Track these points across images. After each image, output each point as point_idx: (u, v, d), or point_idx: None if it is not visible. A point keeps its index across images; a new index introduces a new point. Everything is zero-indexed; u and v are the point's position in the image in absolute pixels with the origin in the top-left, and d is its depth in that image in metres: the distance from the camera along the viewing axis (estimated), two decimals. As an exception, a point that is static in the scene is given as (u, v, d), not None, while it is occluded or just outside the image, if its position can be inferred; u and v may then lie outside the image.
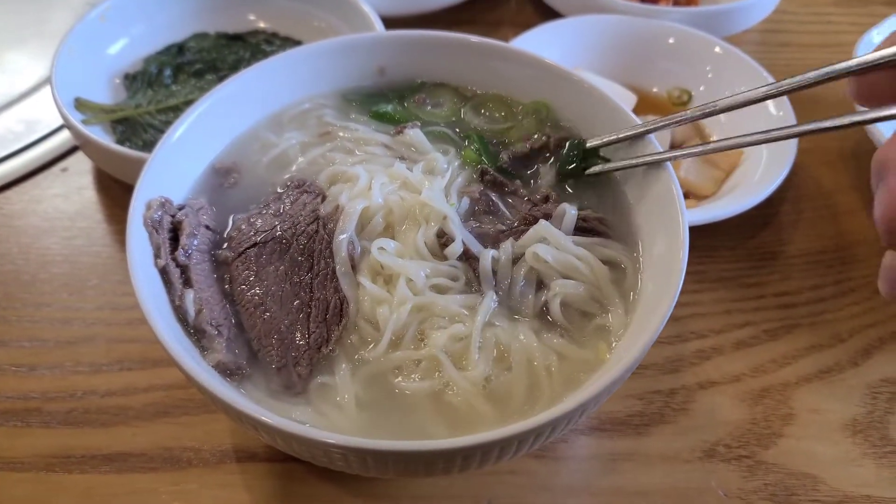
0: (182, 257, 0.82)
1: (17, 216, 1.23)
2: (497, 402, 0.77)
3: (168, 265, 0.81)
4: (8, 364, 1.03)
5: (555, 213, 0.87)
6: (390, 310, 0.79)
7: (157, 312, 0.73)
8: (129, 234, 0.79)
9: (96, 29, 1.34)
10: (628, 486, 0.93)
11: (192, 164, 0.93)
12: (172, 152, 0.88)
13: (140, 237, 0.81)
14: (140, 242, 0.81)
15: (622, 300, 0.83)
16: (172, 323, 0.79)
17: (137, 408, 0.98)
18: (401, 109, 1.03)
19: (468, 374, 0.77)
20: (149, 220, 0.82)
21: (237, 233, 0.88)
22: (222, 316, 0.80)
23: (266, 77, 0.97)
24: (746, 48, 1.35)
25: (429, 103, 1.04)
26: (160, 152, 0.86)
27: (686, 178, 1.20)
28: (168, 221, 0.84)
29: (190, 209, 0.87)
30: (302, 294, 0.82)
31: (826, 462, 0.95)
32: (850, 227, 1.24)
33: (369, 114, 1.02)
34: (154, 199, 0.84)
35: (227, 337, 0.78)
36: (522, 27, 1.38)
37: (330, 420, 0.75)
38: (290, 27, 1.48)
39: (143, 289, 0.74)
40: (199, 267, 0.83)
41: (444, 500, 0.91)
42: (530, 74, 1.00)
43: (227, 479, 0.92)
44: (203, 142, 0.93)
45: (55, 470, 0.93)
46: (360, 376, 0.78)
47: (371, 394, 0.77)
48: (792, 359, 1.06)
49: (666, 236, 0.83)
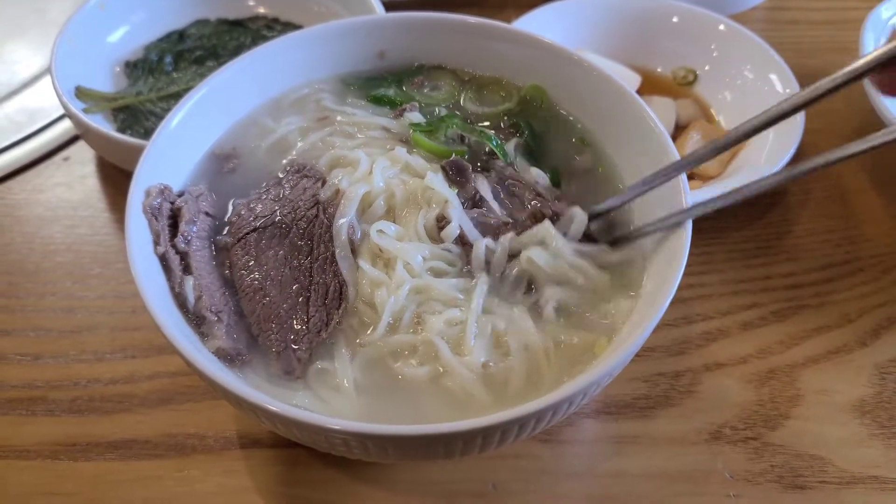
0: (181, 244, 0.82)
1: (20, 206, 1.23)
2: (495, 387, 0.76)
3: (167, 252, 0.81)
4: (13, 353, 1.03)
5: (564, 216, 0.85)
6: (388, 292, 0.79)
7: (156, 300, 0.73)
8: (127, 222, 0.79)
9: (96, 17, 1.33)
10: (634, 469, 0.92)
11: (191, 150, 0.93)
12: (171, 139, 0.88)
13: (139, 225, 0.81)
14: (139, 230, 0.81)
15: (625, 294, 0.82)
16: (173, 310, 0.79)
17: (141, 395, 0.99)
18: (399, 93, 1.02)
19: (465, 359, 0.77)
20: (148, 208, 0.82)
21: (237, 218, 0.88)
22: (222, 302, 0.80)
23: (264, 62, 0.97)
24: (753, 26, 1.33)
25: (427, 86, 1.03)
26: (158, 139, 0.86)
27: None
28: (167, 209, 0.84)
29: (189, 196, 0.87)
30: (301, 278, 0.82)
31: (834, 443, 0.94)
32: (857, 207, 1.22)
33: (367, 97, 1.01)
34: (153, 187, 0.84)
35: (226, 323, 0.78)
36: (526, 8, 1.36)
37: (330, 405, 0.75)
38: (291, 12, 1.47)
39: (142, 276, 0.74)
40: (198, 254, 0.83)
41: (450, 484, 0.91)
42: (531, 55, 0.99)
43: (232, 465, 0.92)
44: (202, 128, 0.93)
45: (61, 457, 0.93)
46: (360, 361, 0.78)
47: (370, 379, 0.77)
48: (799, 339, 1.04)
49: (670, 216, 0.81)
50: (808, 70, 1.29)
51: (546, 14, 1.35)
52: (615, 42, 1.36)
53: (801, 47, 1.45)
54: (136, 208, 0.82)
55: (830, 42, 1.48)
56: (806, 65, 1.35)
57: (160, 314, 0.72)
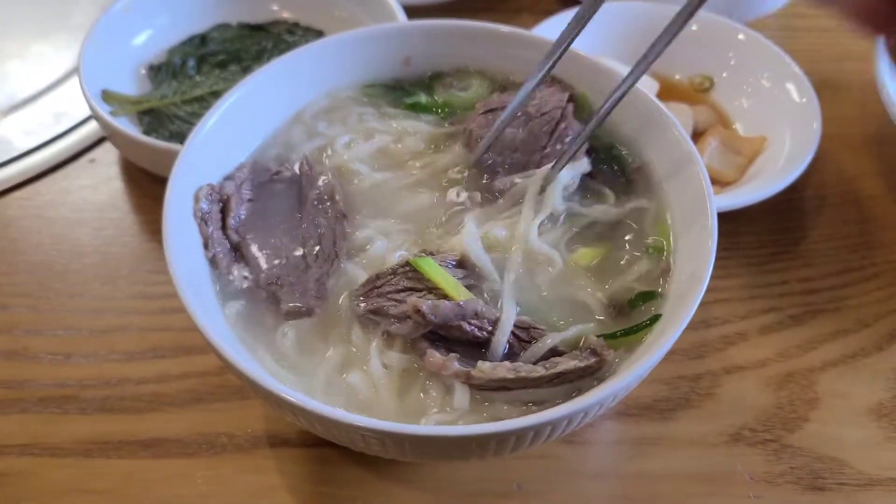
0: (234, 236, 0.87)
1: (48, 207, 1.25)
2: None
3: (217, 254, 0.84)
4: (44, 352, 1.05)
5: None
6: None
7: (197, 303, 0.75)
8: (165, 230, 0.79)
9: (121, 20, 1.35)
10: (655, 470, 0.94)
11: (226, 154, 0.94)
12: (204, 143, 0.89)
13: (177, 231, 0.81)
14: (177, 237, 0.81)
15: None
16: (218, 318, 0.81)
17: (171, 394, 1.01)
18: (430, 99, 1.04)
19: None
20: (198, 212, 0.85)
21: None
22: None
23: (297, 67, 0.98)
24: (769, 33, 1.34)
25: (456, 87, 1.05)
26: (194, 141, 0.87)
27: (709, 164, 1.20)
28: (217, 211, 0.87)
29: (234, 184, 0.90)
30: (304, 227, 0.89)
31: (852, 446, 0.96)
32: (874, 212, 1.23)
33: (402, 106, 1.03)
34: (200, 190, 0.86)
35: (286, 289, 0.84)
36: (542, 14, 1.38)
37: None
38: (312, 17, 1.48)
39: (183, 282, 0.75)
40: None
41: (475, 483, 0.93)
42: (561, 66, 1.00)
43: (262, 463, 0.94)
44: (234, 133, 0.94)
45: (94, 455, 0.95)
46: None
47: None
48: (817, 343, 1.06)
49: (695, 224, 0.83)
50: (824, 77, 1.31)
51: (565, 21, 1.35)
52: (633, 49, 1.36)
53: (816, 55, 1.47)
54: (173, 214, 0.81)
55: (846, 49, 1.49)
56: (822, 72, 1.36)
57: (213, 335, 0.72)
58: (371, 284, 0.82)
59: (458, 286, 0.79)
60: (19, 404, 1.00)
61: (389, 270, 0.82)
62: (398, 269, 0.82)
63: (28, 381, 1.02)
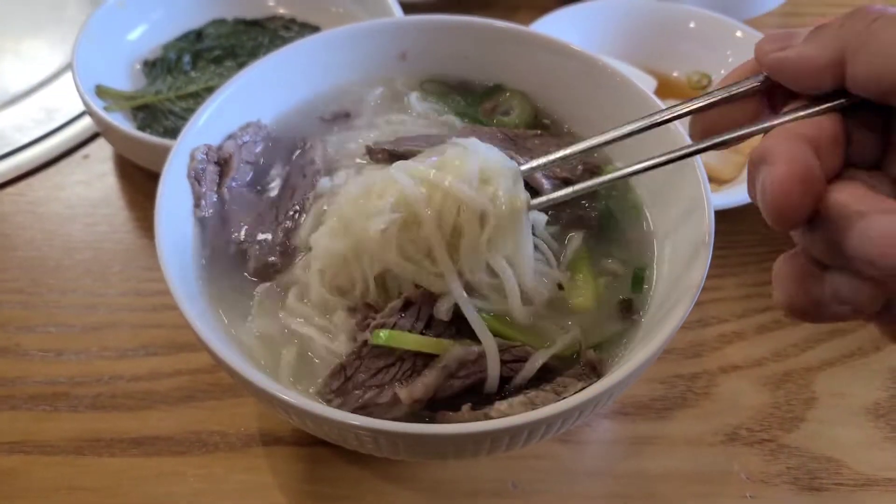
0: (227, 196, 0.89)
1: (41, 203, 1.24)
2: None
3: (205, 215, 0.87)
4: (35, 349, 1.04)
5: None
6: None
7: (189, 300, 0.74)
8: (157, 227, 0.78)
9: (115, 15, 1.34)
10: (651, 470, 0.93)
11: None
12: (196, 141, 0.88)
13: (169, 228, 0.80)
14: (169, 234, 0.80)
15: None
16: (198, 299, 0.80)
17: (163, 392, 1.00)
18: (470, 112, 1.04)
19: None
20: (192, 171, 0.86)
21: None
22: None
23: (295, 60, 0.98)
24: (766, 31, 1.33)
25: (499, 111, 1.04)
26: (185, 140, 0.86)
27: (707, 162, 1.19)
28: (213, 171, 0.88)
29: (234, 143, 0.91)
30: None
31: (849, 445, 0.95)
32: (871, 212, 1.23)
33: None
34: (197, 149, 0.87)
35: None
36: (540, 10, 1.38)
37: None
38: (308, 12, 1.47)
39: (175, 279, 0.75)
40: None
41: (471, 482, 0.92)
42: (557, 62, 0.99)
43: (254, 462, 0.94)
44: (230, 129, 0.94)
45: (84, 453, 0.94)
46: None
47: None
48: (814, 343, 1.05)
49: (691, 221, 0.83)
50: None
51: (562, 17, 1.36)
52: (631, 45, 1.37)
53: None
54: (164, 210, 0.81)
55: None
56: (819, 70, 1.36)
57: (205, 333, 0.71)
58: (340, 377, 0.76)
59: (435, 342, 0.75)
60: (10, 401, 0.99)
61: (353, 355, 0.76)
62: (361, 352, 0.76)
63: (19, 378, 1.01)
